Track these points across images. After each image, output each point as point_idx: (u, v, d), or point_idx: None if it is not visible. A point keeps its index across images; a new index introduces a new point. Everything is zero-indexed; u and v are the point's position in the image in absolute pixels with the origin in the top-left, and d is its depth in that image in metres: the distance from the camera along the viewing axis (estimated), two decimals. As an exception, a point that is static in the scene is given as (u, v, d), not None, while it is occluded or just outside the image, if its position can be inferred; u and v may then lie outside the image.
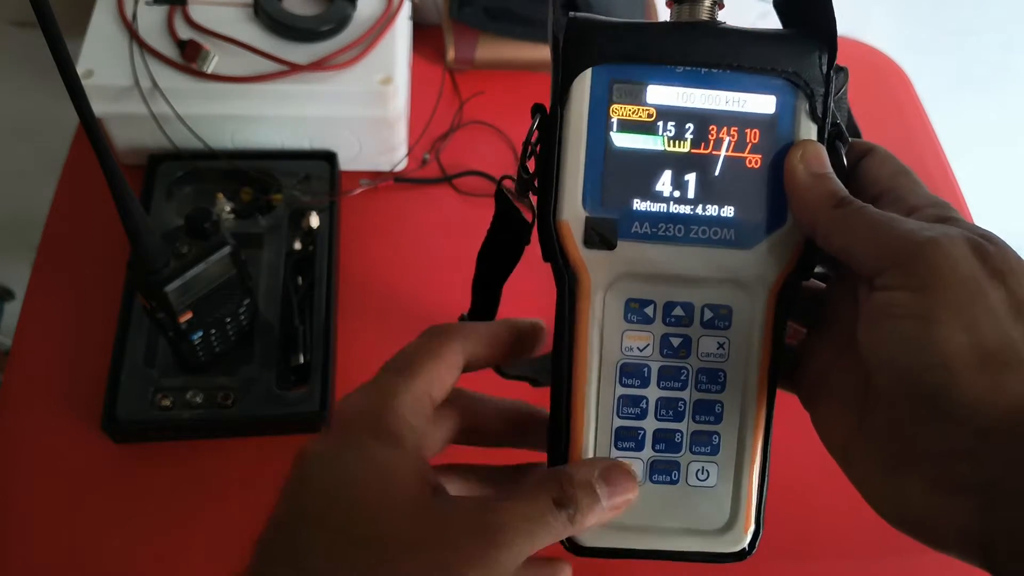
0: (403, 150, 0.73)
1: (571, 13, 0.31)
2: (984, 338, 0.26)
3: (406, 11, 0.71)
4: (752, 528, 0.33)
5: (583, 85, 0.31)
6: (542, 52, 0.79)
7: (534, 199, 0.32)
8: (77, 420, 0.58)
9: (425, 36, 0.81)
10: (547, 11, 0.32)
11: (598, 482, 0.30)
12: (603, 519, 0.30)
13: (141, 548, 0.54)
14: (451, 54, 0.79)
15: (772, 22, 0.35)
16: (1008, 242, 0.28)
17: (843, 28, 0.31)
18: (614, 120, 0.31)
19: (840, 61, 0.32)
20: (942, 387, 0.26)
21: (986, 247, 0.27)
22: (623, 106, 0.31)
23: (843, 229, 0.29)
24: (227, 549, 0.57)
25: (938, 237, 0.27)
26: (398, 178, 0.72)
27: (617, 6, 0.77)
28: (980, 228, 0.29)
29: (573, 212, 0.31)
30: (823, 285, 0.34)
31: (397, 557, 0.27)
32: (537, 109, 0.32)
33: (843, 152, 0.32)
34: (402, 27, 0.70)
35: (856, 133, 0.35)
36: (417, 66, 0.78)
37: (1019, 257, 0.28)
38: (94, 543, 0.55)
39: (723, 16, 0.32)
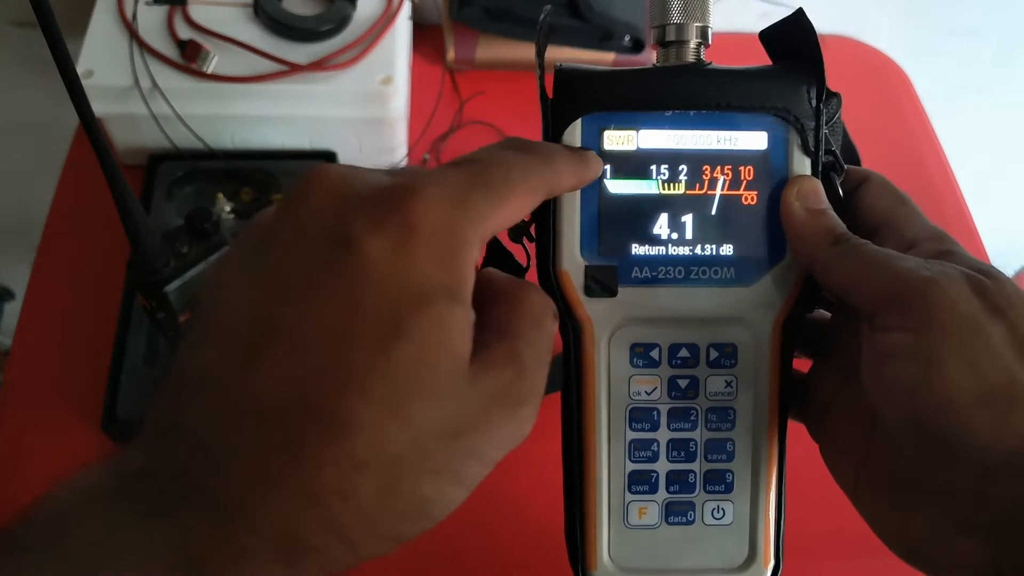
0: (403, 150, 0.73)
1: (557, 65, 0.31)
2: (987, 377, 0.26)
3: (406, 11, 0.71)
4: (772, 563, 0.33)
5: (574, 135, 0.31)
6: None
7: (529, 245, 0.32)
8: (77, 420, 0.58)
9: (425, 36, 0.81)
10: (529, 33, 0.31)
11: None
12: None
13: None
14: (451, 54, 0.79)
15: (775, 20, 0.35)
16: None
17: (843, 28, 0.31)
18: (607, 167, 0.31)
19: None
20: (946, 428, 0.26)
21: (985, 283, 0.27)
22: (615, 152, 0.31)
23: (841, 268, 0.29)
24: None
25: (936, 277, 0.27)
26: (398, 178, 0.72)
27: (617, 6, 0.77)
28: (979, 262, 0.28)
29: (572, 261, 0.31)
30: (828, 314, 0.34)
31: (434, 447, 0.23)
32: None
33: (838, 183, 0.32)
34: (402, 27, 0.70)
35: (853, 153, 0.35)
36: (417, 66, 0.78)
37: (1019, 290, 0.27)
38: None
39: (724, 14, 0.32)
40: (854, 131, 0.78)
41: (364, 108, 0.67)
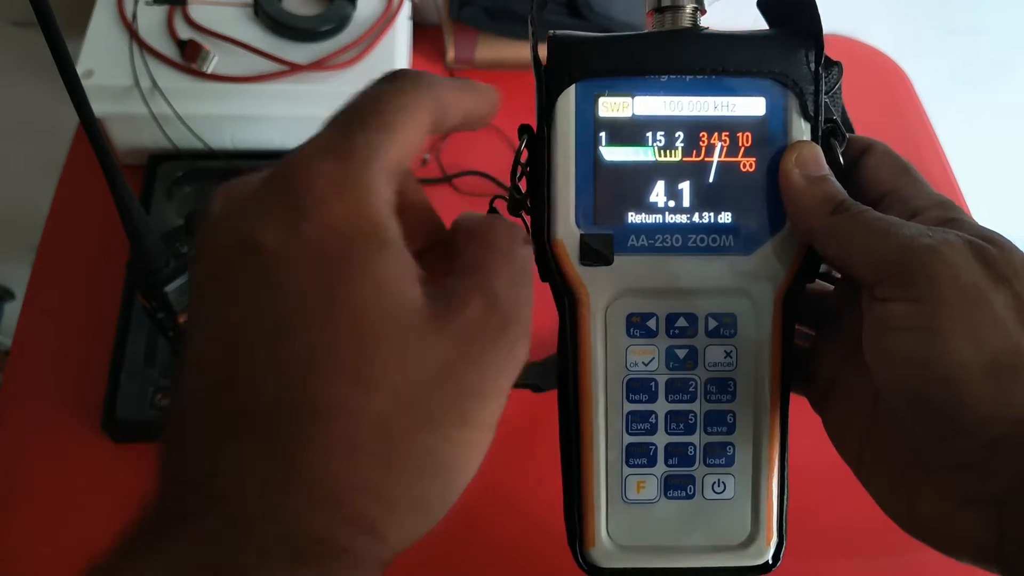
0: (403, 150, 0.73)
1: (551, 32, 0.31)
2: (990, 347, 0.25)
3: (406, 11, 0.71)
4: (775, 539, 0.32)
5: (568, 102, 0.30)
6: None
7: (527, 218, 0.31)
8: (77, 420, 0.58)
9: (425, 36, 0.81)
10: (528, 31, 0.31)
11: None
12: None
13: (141, 548, 0.54)
14: (451, 54, 0.79)
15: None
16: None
17: (843, 28, 0.31)
18: (602, 134, 0.30)
19: (840, 61, 0.31)
20: (949, 400, 0.26)
21: (989, 251, 0.26)
22: (610, 119, 0.30)
23: (840, 236, 0.28)
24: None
25: (937, 244, 0.26)
26: (398, 178, 0.72)
27: (617, 6, 0.77)
28: (984, 229, 0.28)
29: (567, 230, 0.30)
30: (830, 286, 0.34)
31: (419, 398, 0.22)
32: (524, 129, 0.31)
33: (839, 151, 0.31)
34: (402, 27, 0.70)
35: (848, 129, 0.34)
36: (417, 66, 0.78)
37: None
38: (94, 543, 0.55)
39: (722, 14, 0.32)
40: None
41: (364, 108, 0.67)
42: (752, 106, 0.30)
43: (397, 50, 0.68)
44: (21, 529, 0.55)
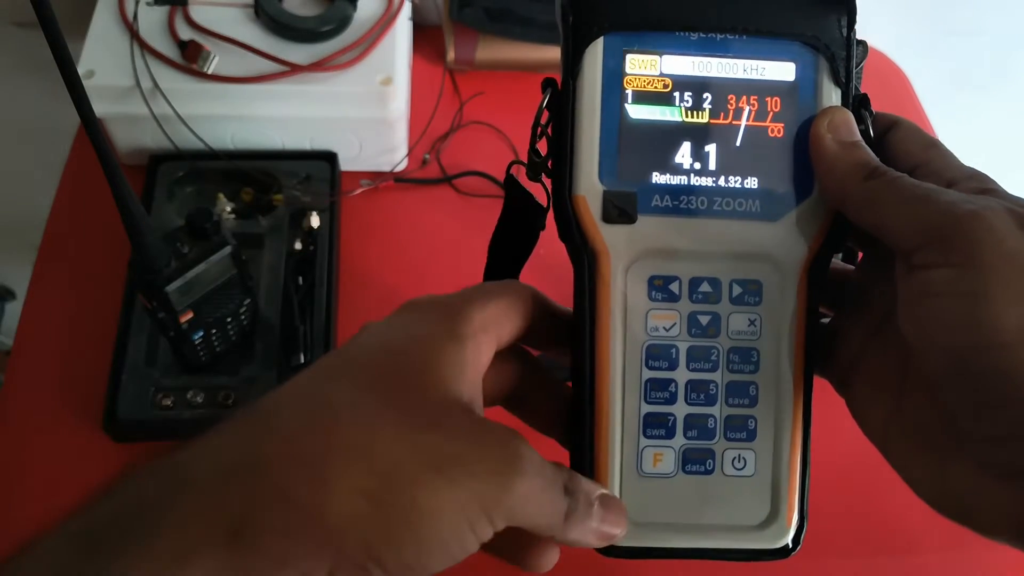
0: (403, 150, 0.73)
1: None
2: None
3: (406, 11, 0.71)
4: (796, 522, 0.31)
5: (595, 55, 0.30)
6: (542, 52, 0.78)
7: (547, 182, 0.31)
8: (77, 420, 0.58)
9: (425, 36, 0.81)
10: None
11: (595, 501, 0.28)
12: (587, 538, 0.28)
13: (142, 548, 0.54)
14: (451, 54, 0.79)
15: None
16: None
17: (842, 29, 0.30)
18: (629, 91, 0.30)
19: (865, 40, 0.31)
20: (995, 368, 0.25)
21: None
22: (637, 77, 0.30)
23: (876, 202, 0.28)
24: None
25: (980, 210, 0.26)
26: (398, 178, 0.72)
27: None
28: (1022, 199, 0.27)
29: (590, 186, 0.30)
30: (850, 267, 0.33)
31: (422, 430, 0.25)
32: (548, 84, 0.31)
33: (870, 123, 0.30)
34: (402, 28, 0.70)
35: None
36: (417, 66, 0.78)
37: None
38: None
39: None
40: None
41: (364, 108, 0.67)
42: (782, 70, 0.30)
43: (397, 51, 0.68)
44: (21, 529, 0.55)
